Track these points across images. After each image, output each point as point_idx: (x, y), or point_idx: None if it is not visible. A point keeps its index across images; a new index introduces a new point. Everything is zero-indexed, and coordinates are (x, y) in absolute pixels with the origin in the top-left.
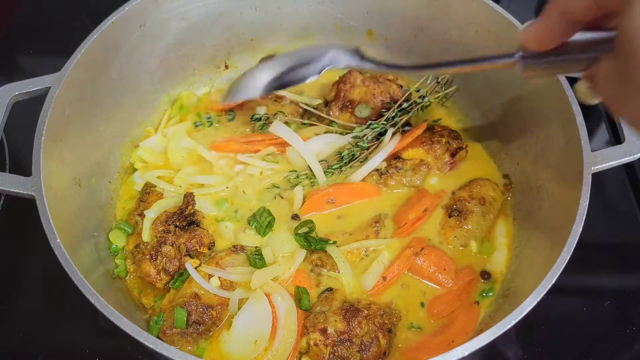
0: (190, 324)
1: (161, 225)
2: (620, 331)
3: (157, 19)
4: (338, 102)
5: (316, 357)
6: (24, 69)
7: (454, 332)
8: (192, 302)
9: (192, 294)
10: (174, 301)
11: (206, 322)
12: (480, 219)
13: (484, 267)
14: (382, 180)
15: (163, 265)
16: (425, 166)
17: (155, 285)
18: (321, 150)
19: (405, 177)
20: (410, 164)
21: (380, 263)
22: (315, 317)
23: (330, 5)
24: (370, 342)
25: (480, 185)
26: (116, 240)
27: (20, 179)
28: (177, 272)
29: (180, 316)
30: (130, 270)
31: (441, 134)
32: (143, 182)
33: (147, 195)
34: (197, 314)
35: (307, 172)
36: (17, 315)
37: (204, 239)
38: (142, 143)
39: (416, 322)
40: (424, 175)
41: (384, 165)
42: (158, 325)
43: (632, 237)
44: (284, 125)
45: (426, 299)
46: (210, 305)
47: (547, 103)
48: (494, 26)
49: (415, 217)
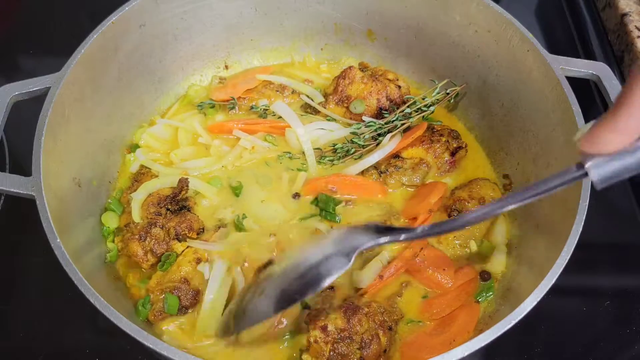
0: (180, 309)
1: (153, 207)
2: (620, 331)
3: (157, 19)
4: (335, 95)
5: (316, 354)
6: (24, 69)
7: (454, 331)
8: (181, 287)
9: (181, 278)
10: (162, 284)
11: (194, 305)
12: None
13: (484, 267)
14: (382, 178)
15: (151, 246)
16: (425, 165)
17: (141, 266)
18: (317, 138)
19: (404, 176)
20: (409, 163)
21: (379, 262)
22: (316, 314)
23: (330, 5)
24: (371, 339)
25: (480, 185)
26: (108, 222)
27: (20, 179)
28: (164, 255)
29: (172, 303)
30: (118, 248)
31: (441, 133)
32: (139, 163)
33: (142, 175)
34: (186, 299)
35: (299, 157)
36: (17, 315)
37: (193, 224)
38: (149, 129)
39: (416, 321)
40: (423, 174)
41: (384, 164)
42: (146, 309)
43: (632, 237)
44: (285, 105)
45: (426, 298)
46: (198, 290)
47: (547, 103)
48: (494, 26)
49: (426, 212)
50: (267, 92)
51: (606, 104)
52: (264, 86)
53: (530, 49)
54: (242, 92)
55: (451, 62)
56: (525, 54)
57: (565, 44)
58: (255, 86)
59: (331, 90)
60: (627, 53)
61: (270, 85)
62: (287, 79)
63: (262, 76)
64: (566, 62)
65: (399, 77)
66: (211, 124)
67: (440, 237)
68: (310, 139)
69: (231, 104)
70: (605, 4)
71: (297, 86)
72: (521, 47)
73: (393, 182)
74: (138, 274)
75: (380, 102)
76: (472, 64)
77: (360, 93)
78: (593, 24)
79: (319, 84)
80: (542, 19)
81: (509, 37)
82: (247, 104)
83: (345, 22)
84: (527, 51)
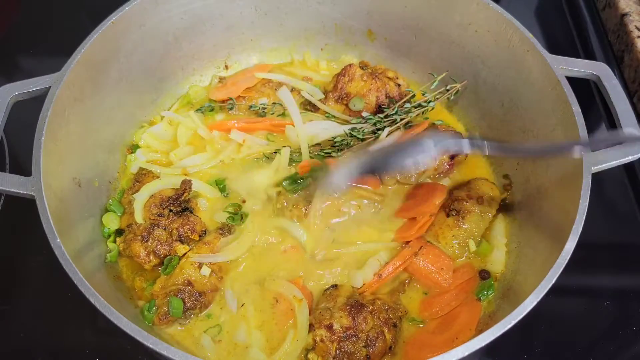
0: (184, 311)
1: (155, 208)
2: (620, 331)
3: (157, 19)
4: (335, 93)
5: (322, 353)
6: (24, 69)
7: (457, 329)
8: (185, 290)
9: (184, 281)
10: (166, 287)
11: (199, 307)
12: (479, 218)
13: (483, 266)
14: (377, 174)
15: (153, 247)
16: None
17: (144, 267)
18: (317, 134)
19: (399, 172)
20: None
21: (377, 261)
22: (321, 313)
23: (330, 5)
24: (376, 337)
25: (478, 184)
26: (109, 223)
27: (20, 179)
28: (166, 258)
29: (176, 305)
30: (121, 249)
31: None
32: (139, 164)
33: (143, 176)
34: (190, 301)
35: (298, 152)
36: (17, 315)
37: (196, 226)
38: (150, 129)
39: (418, 320)
40: (419, 173)
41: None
42: (151, 313)
43: (632, 237)
44: (289, 92)
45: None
46: (202, 291)
47: (547, 103)
48: (494, 26)
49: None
50: (266, 91)
51: (606, 104)
52: (263, 84)
53: (530, 49)
54: (241, 91)
55: (451, 62)
56: (525, 54)
57: (565, 44)
58: (254, 84)
59: (331, 88)
60: (627, 53)
61: (269, 84)
62: (286, 76)
63: (260, 74)
64: (566, 62)
65: (398, 75)
66: (211, 123)
67: (438, 235)
68: (310, 134)
69: (230, 104)
70: (605, 4)
71: (296, 84)
72: (521, 47)
73: (387, 178)
74: (144, 277)
75: (380, 100)
76: (472, 64)
77: (359, 90)
78: (593, 24)
79: (318, 81)
80: (542, 19)
81: (509, 37)
82: (247, 103)
83: (345, 22)
84: (527, 51)
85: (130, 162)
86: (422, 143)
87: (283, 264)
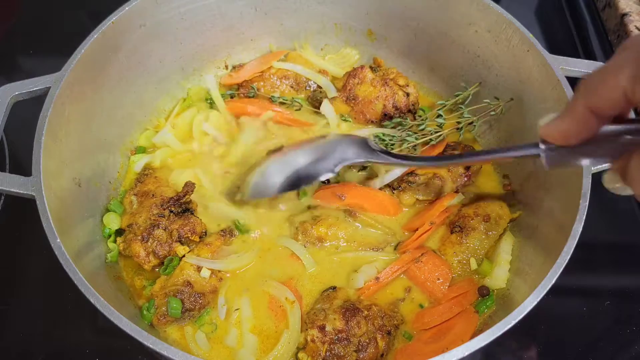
0: (183, 312)
1: (156, 208)
2: (620, 331)
3: (157, 19)
4: (344, 93)
5: (313, 353)
6: (24, 69)
7: (449, 339)
8: (184, 290)
9: (184, 282)
10: (165, 288)
11: (198, 308)
12: (483, 236)
13: (483, 282)
14: (395, 194)
15: (153, 248)
16: (438, 178)
17: (143, 267)
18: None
19: (418, 191)
20: (423, 178)
21: (373, 267)
22: (315, 313)
23: (330, 5)
24: (368, 342)
25: (487, 202)
26: (109, 223)
27: (20, 179)
28: (167, 258)
29: (175, 305)
30: (121, 249)
31: (454, 148)
32: (143, 164)
33: (146, 177)
34: (189, 302)
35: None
36: (17, 315)
37: (196, 227)
38: (154, 138)
39: (409, 332)
40: (437, 189)
41: (396, 180)
42: (150, 313)
43: (632, 237)
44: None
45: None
46: (202, 292)
47: (547, 103)
48: (494, 26)
49: (427, 225)
50: (281, 87)
51: None
52: (279, 78)
53: (530, 49)
54: (248, 75)
55: (451, 62)
56: (525, 54)
57: (565, 44)
58: (263, 71)
59: (340, 86)
60: None
61: (285, 81)
62: (303, 67)
63: (278, 64)
64: (566, 62)
65: (409, 83)
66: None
67: (440, 252)
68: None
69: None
70: (605, 4)
71: (313, 76)
72: (521, 47)
73: (407, 198)
74: (144, 277)
75: (386, 108)
76: (472, 64)
77: (367, 95)
78: (593, 24)
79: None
80: (542, 19)
81: (509, 37)
82: (265, 93)
83: (345, 22)
84: (527, 51)
85: (133, 162)
86: (323, 149)
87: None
